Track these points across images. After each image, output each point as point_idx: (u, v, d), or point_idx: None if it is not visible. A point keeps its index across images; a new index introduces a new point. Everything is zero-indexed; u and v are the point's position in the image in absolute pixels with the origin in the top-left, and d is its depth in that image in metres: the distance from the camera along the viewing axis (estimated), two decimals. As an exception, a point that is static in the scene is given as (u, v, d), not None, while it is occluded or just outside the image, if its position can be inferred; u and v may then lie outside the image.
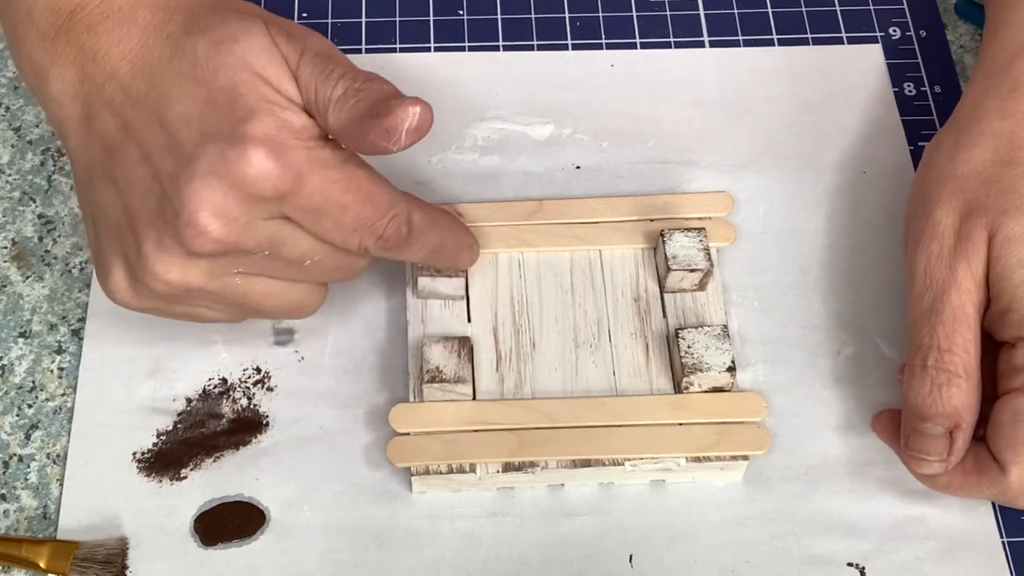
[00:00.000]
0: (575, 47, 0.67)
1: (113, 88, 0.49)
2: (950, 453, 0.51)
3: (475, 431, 0.53)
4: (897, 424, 0.53)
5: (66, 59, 0.51)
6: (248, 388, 0.56)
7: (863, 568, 0.53)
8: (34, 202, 0.62)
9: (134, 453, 0.55)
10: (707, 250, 0.56)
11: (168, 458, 0.55)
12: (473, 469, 0.53)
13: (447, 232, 0.54)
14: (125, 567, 0.52)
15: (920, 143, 0.64)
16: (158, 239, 0.47)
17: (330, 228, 0.48)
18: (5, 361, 0.57)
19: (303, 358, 0.57)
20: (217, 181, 0.46)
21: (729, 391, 0.55)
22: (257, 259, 0.49)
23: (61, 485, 0.54)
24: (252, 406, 0.56)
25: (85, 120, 0.50)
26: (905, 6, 0.69)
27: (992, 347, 0.52)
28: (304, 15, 0.68)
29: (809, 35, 0.67)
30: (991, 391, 0.52)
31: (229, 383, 0.57)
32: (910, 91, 0.66)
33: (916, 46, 0.67)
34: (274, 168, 0.46)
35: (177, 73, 0.48)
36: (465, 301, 0.57)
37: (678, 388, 0.55)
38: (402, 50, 0.67)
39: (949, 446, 0.50)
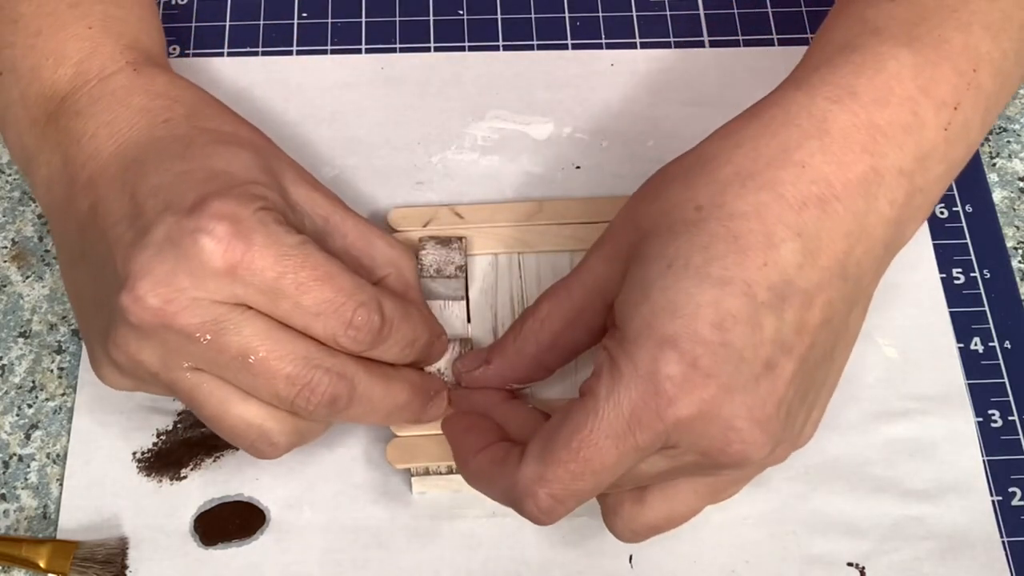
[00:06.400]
0: (575, 47, 0.67)
1: (93, 167, 0.48)
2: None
3: (475, 431, 0.53)
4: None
5: (53, 144, 0.50)
6: (248, 388, 0.56)
7: (863, 568, 0.53)
8: (34, 202, 0.62)
9: (134, 453, 0.55)
10: (707, 250, 0.56)
11: (168, 458, 0.55)
12: (473, 469, 0.53)
13: (420, 324, 0.50)
14: (125, 567, 0.52)
15: (920, 143, 0.64)
16: (116, 312, 0.45)
17: (289, 310, 0.45)
18: (5, 361, 0.57)
19: (303, 358, 0.57)
20: (169, 250, 0.44)
21: (729, 391, 0.54)
22: (202, 350, 0.45)
23: (61, 485, 0.54)
24: (252, 406, 0.56)
25: (65, 203, 0.49)
26: (905, 6, 0.69)
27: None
28: (304, 15, 0.68)
29: (809, 35, 0.67)
30: None
31: (229, 383, 0.57)
32: (910, 91, 0.66)
33: (916, 46, 0.67)
34: (225, 238, 0.44)
35: (165, 151, 0.48)
36: (465, 302, 0.57)
37: (678, 388, 0.55)
38: (402, 50, 0.67)
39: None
